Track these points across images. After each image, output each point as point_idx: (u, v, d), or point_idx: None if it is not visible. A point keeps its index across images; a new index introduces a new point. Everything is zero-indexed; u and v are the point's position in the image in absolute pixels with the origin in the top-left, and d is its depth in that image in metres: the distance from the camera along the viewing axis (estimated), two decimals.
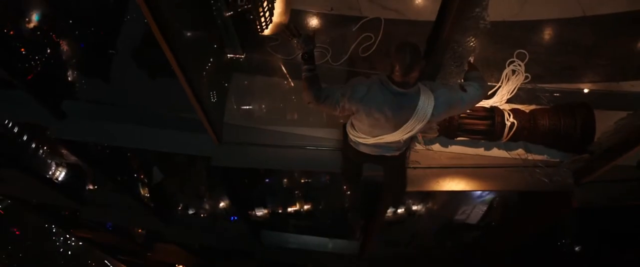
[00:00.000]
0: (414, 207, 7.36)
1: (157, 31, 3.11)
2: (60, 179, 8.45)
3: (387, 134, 3.20)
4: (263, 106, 5.23)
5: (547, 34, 5.35)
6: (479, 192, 5.97)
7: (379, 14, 5.36)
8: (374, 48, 5.19)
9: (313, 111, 4.95)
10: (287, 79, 5.27)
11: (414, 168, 4.87)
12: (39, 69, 5.40)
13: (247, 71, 5.28)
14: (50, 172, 8.35)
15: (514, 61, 4.92)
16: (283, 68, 5.34)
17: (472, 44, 3.54)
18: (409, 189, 4.87)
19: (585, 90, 5.04)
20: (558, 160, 4.77)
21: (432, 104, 2.94)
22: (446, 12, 3.03)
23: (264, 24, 5.06)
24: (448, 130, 4.56)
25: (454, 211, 7.30)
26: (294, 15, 5.47)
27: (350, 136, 3.49)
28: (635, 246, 6.96)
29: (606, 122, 4.48)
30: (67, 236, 63.77)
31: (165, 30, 3.15)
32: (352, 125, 3.42)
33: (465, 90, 3.10)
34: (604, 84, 5.04)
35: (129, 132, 5.24)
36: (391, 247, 8.38)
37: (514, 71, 4.88)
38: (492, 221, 6.92)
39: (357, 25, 5.33)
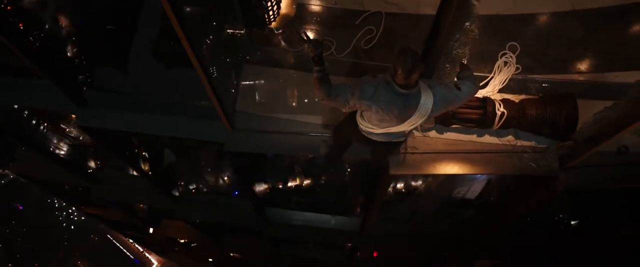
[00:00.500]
0: (412, 188, 7.76)
1: (178, 27, 3.49)
2: (74, 159, 8.83)
3: (393, 126, 3.64)
4: (271, 95, 5.60)
5: (538, 27, 5.62)
6: (472, 175, 6.35)
7: (380, 8, 5.65)
8: (375, 41, 5.51)
9: (317, 100, 5.32)
10: (293, 70, 5.62)
11: (412, 153, 5.27)
12: (61, 59, 5.74)
13: (257, 63, 5.61)
14: (64, 153, 8.73)
15: (506, 53, 5.23)
16: (290, 59, 5.69)
17: (463, 50, 3.92)
18: (407, 172, 5.32)
19: (573, 81, 5.38)
20: (545, 146, 5.16)
21: (432, 101, 3.43)
22: (440, 24, 3.41)
23: (271, 16, 5.41)
24: (444, 119, 4.95)
25: (449, 192, 7.73)
26: (300, 8, 5.79)
27: (361, 126, 3.91)
28: (616, 226, 7.44)
29: (591, 111, 4.87)
30: (70, 211, 64.69)
31: (185, 26, 3.53)
32: (362, 117, 3.83)
33: (459, 89, 3.55)
34: (590, 75, 5.36)
35: (148, 120, 5.65)
36: (390, 224, 8.78)
37: (506, 63, 5.21)
38: (484, 201, 7.33)
39: (360, 19, 5.63)
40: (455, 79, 4.04)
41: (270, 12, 5.35)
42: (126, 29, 5.75)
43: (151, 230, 13.70)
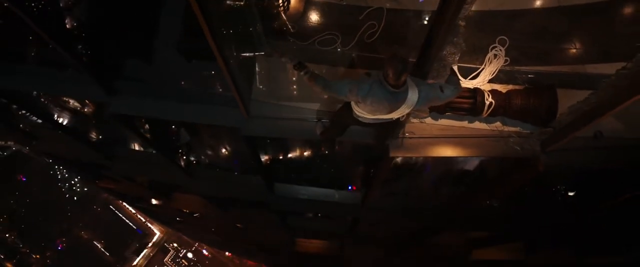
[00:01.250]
0: (410, 168, 8.39)
1: (205, 27, 4.10)
2: (95, 138, 9.45)
3: (383, 115, 4.36)
4: (281, 85, 6.20)
5: (526, 22, 6.16)
6: (464, 157, 6.98)
7: (381, 4, 6.20)
8: (377, 35, 6.07)
9: None
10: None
11: (410, 138, 5.90)
12: (94, 53, 6.32)
13: (268, 55, 6.19)
14: (86, 132, 9.35)
15: (495, 46, 5.80)
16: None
17: (453, 58, 4.53)
18: (406, 154, 5.96)
19: (556, 72, 5.96)
20: (529, 132, 5.78)
21: (417, 96, 4.15)
22: (431, 40, 4.03)
23: (282, 8, 6.00)
24: (438, 107, 5.58)
25: (442, 172, 8.40)
26: (308, 4, 6.33)
27: (355, 111, 4.58)
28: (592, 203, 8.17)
29: (572, 99, 5.43)
30: (73, 182, 65.57)
31: (211, 25, 4.13)
32: (357, 105, 4.48)
33: (443, 91, 4.23)
34: (572, 67, 5.95)
35: (173, 107, 6.27)
36: (390, 198, 9.42)
37: (495, 55, 5.79)
38: (474, 180, 7.99)
39: (363, 15, 6.17)
40: (443, 82, 4.68)
41: (281, 7, 5.95)
42: (150, 25, 6.30)
43: (161, 202, 14.35)
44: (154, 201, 14.76)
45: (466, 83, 5.75)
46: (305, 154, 9.03)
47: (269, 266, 44.87)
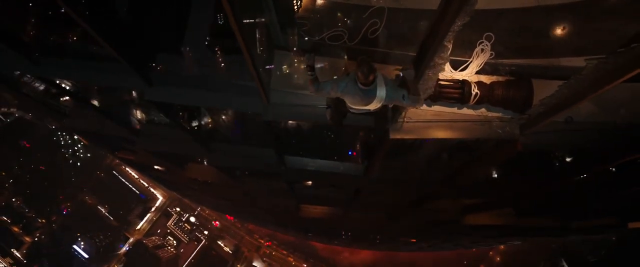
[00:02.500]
0: (408, 146, 9.39)
1: (236, 29, 5.06)
2: (123, 115, 10.42)
3: (362, 107, 5.45)
4: (296, 76, 7.16)
5: (510, 19, 7.03)
6: (454, 138, 7.99)
7: (383, 3, 7.08)
8: (379, 31, 7.00)
9: None
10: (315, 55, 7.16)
11: (408, 122, 6.92)
12: (135, 48, 7.26)
13: (283, 48, 7.12)
14: (117, 111, 10.31)
15: (482, 41, 6.73)
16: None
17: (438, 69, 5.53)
18: (404, 136, 6.99)
19: (534, 64, 6.91)
20: (509, 117, 6.80)
21: (384, 94, 5.21)
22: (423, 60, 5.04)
23: (296, 6, 6.95)
24: (432, 96, 6.57)
25: (436, 151, 9.46)
26: (319, 3, 7.24)
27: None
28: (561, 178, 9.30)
29: (548, 87, 6.39)
30: (76, 148, 66.56)
31: (241, 28, 5.10)
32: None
33: (404, 98, 5.34)
34: (548, 60, 6.92)
35: (202, 95, 7.27)
36: (390, 170, 10.48)
37: (482, 49, 6.73)
38: (463, 157, 9.03)
39: (367, 13, 7.06)
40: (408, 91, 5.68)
41: (296, 5, 6.90)
42: (181, 25, 7.23)
43: (176, 171, 15.39)
44: (168, 171, 15.81)
45: (456, 74, 6.73)
46: (314, 131, 9.98)
47: (273, 229, 46.36)
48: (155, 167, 15.81)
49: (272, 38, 6.92)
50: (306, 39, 6.98)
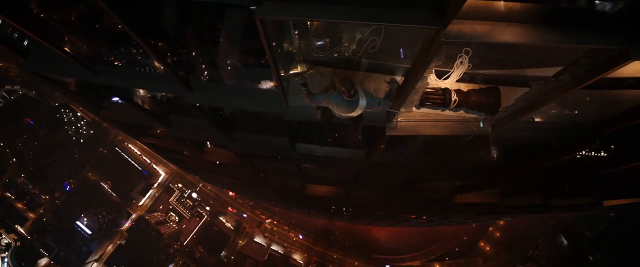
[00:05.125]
0: (400, 141, 11.12)
1: (268, 50, 6.77)
2: (155, 109, 12.16)
3: (347, 114, 7.39)
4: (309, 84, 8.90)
5: None
6: (438, 134, 9.75)
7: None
8: (377, 47, 8.68)
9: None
10: (323, 66, 8.90)
11: (400, 121, 8.70)
12: (175, 57, 9.03)
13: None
14: (149, 106, 12.07)
15: (461, 55, 8.41)
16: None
17: (420, 89, 7.29)
18: (397, 133, 8.76)
19: (505, 74, 8.61)
20: (483, 117, 8.55)
21: (365, 103, 7.19)
22: (406, 87, 6.81)
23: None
24: (420, 100, 8.33)
25: (425, 144, 11.28)
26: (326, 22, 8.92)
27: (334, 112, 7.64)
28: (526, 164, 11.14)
29: (514, 94, 8.14)
30: (79, 125, 68.16)
31: (272, 49, 6.82)
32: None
33: (379, 104, 7.31)
34: (515, 70, 8.62)
35: (234, 99, 9.07)
36: (387, 156, 12.25)
37: (461, 62, 8.42)
38: (446, 149, 10.83)
39: (367, 31, 8.71)
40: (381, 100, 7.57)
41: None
42: (216, 41, 8.97)
43: (195, 155, 17.17)
44: (189, 154, 17.64)
45: (440, 83, 8.48)
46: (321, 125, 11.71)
47: (279, 206, 48.12)
48: (178, 151, 17.59)
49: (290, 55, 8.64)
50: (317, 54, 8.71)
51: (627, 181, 11.90)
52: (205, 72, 9.17)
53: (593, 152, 10.66)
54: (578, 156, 10.80)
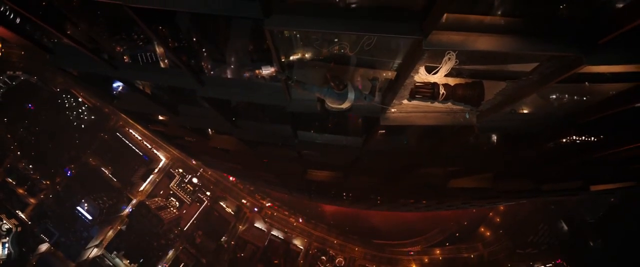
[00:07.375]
0: (394, 130, 12.13)
1: (273, 50, 7.82)
2: (165, 99, 13.16)
3: (338, 106, 8.40)
4: (307, 78, 9.89)
5: None
6: (428, 124, 10.72)
7: None
8: (372, 45, 9.62)
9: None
10: (321, 67, 9.88)
11: (393, 112, 9.70)
12: (190, 57, 10.04)
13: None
14: (161, 95, 13.06)
15: (449, 52, 9.34)
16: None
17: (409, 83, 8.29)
18: (391, 123, 9.75)
19: (488, 69, 9.59)
20: (469, 109, 9.53)
21: (354, 96, 8.28)
22: (397, 82, 7.81)
23: None
24: (411, 94, 9.32)
25: (417, 133, 12.29)
26: None
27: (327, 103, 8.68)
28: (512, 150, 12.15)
29: (498, 87, 9.12)
30: (80, 110, 68.96)
31: (276, 49, 7.85)
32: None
33: (366, 99, 8.34)
34: (498, 66, 9.58)
35: (242, 92, 10.07)
36: (383, 143, 13.23)
37: (449, 58, 9.36)
38: (437, 136, 11.84)
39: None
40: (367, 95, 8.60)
41: None
42: (226, 40, 9.97)
43: (200, 141, 18.17)
44: (194, 141, 18.65)
45: (430, 77, 9.46)
46: (323, 116, 12.70)
47: (280, 191, 49.07)
48: (184, 137, 18.63)
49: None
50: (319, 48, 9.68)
51: (608, 166, 12.95)
52: (216, 69, 10.17)
53: (576, 138, 11.70)
54: (563, 142, 11.83)
